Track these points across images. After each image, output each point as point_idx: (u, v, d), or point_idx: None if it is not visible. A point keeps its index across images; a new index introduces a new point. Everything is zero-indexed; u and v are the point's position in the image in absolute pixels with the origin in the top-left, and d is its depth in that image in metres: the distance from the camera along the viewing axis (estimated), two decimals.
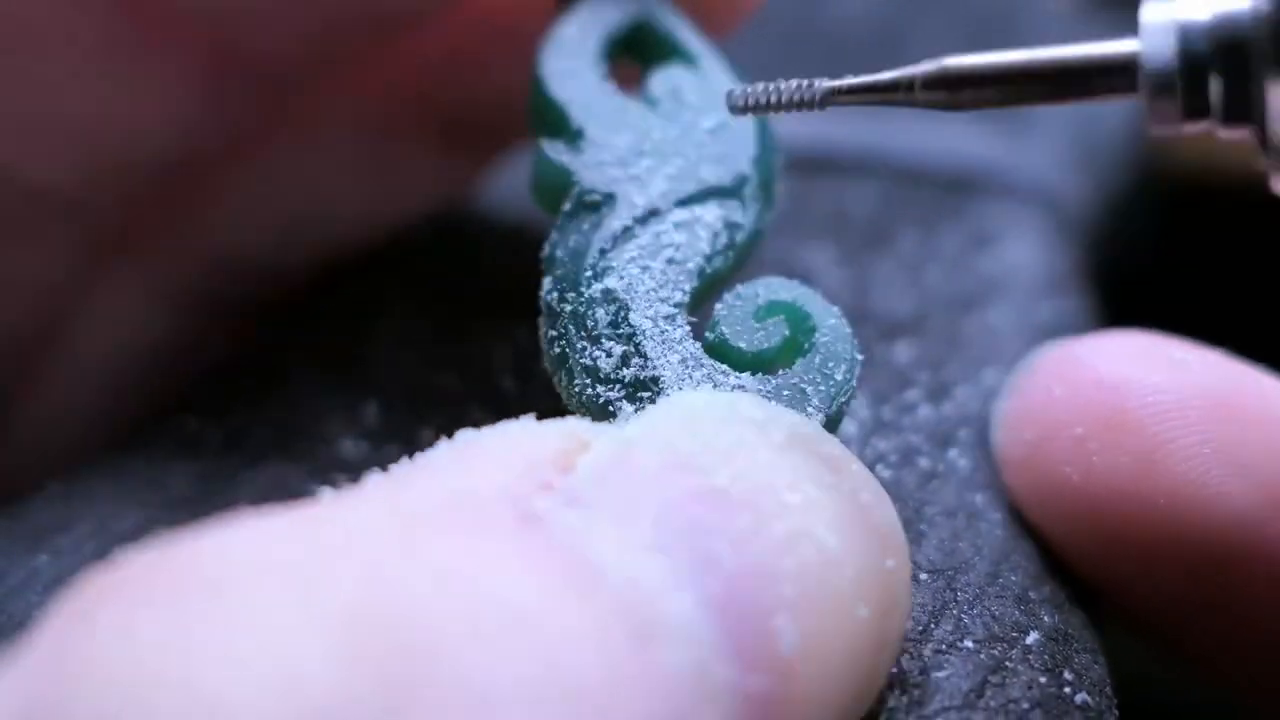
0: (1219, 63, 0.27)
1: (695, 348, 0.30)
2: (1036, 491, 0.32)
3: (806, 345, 0.29)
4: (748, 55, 0.46)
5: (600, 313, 0.30)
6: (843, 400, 0.29)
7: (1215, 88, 0.27)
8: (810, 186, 0.41)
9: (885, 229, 0.40)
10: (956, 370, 0.36)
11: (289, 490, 0.33)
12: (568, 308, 0.30)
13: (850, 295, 0.38)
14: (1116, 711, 0.29)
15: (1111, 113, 0.47)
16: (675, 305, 0.30)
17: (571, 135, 0.32)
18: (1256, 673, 0.33)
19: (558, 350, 0.30)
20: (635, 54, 0.34)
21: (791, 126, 0.43)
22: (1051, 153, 0.44)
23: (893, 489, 0.31)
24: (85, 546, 0.32)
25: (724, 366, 0.29)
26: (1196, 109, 0.27)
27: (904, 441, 0.33)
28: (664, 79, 0.33)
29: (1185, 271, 0.55)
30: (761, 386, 0.29)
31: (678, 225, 0.31)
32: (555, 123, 0.32)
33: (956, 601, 0.29)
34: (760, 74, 0.45)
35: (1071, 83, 0.28)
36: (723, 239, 0.31)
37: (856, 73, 0.30)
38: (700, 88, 0.33)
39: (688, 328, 0.30)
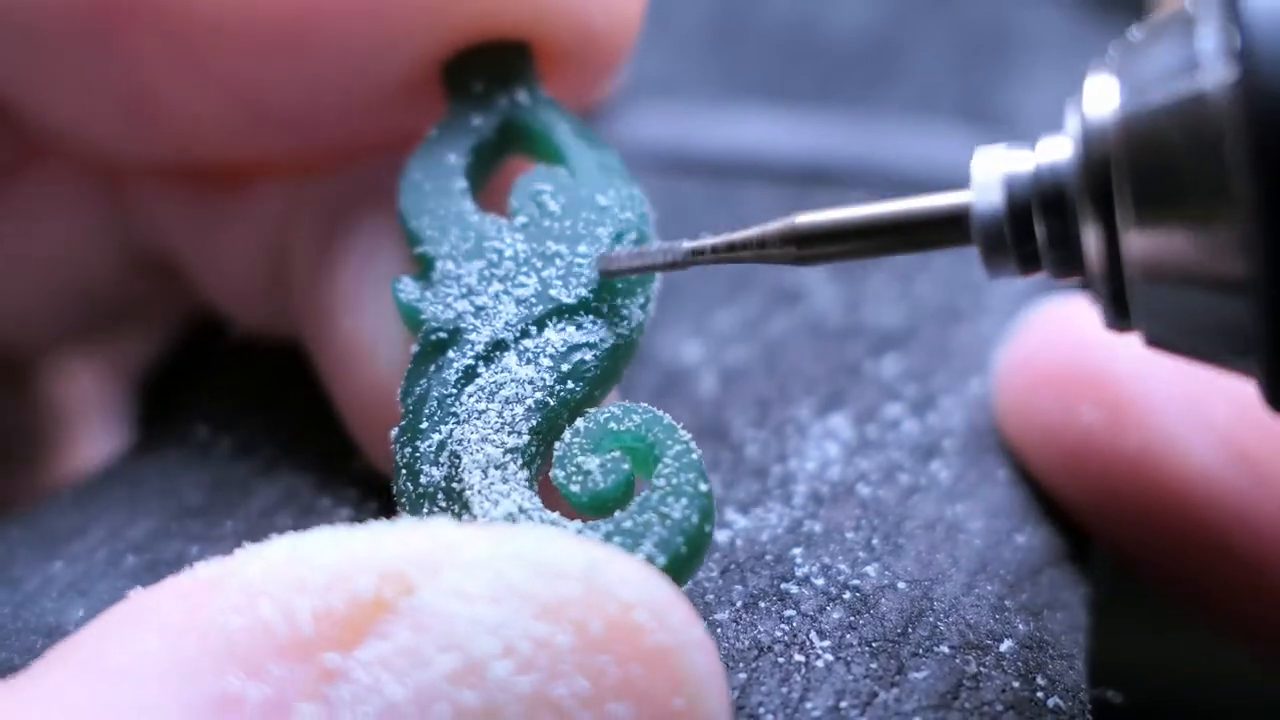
0: (1043, 211, 0.27)
1: (525, 497, 0.29)
2: (1027, 435, 0.35)
3: (649, 478, 0.28)
4: (747, 70, 0.47)
5: (433, 470, 0.29)
6: (682, 541, 0.27)
7: (1041, 237, 0.27)
8: (804, 199, 0.42)
9: None
10: (943, 381, 0.37)
11: (299, 501, 0.34)
12: (405, 460, 0.29)
13: (841, 310, 0.39)
14: (1090, 716, 0.31)
15: None
16: (510, 450, 0.29)
17: (424, 267, 0.31)
18: (1226, 608, 0.35)
19: (400, 501, 0.29)
20: (517, 151, 0.33)
21: (786, 139, 0.44)
22: None
23: (873, 505, 0.33)
24: (98, 553, 0.32)
25: (554, 516, 0.28)
26: (1028, 256, 0.28)
27: (886, 458, 0.34)
28: (524, 188, 0.32)
29: None
30: (592, 535, 0.28)
31: (522, 357, 0.30)
32: (413, 249, 0.31)
33: (933, 610, 0.31)
34: (754, 85, 0.46)
35: (910, 236, 0.28)
36: (570, 363, 0.30)
37: (852, 87, 0.31)
38: (565, 190, 0.31)
39: (523, 474, 0.29)
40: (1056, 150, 0.27)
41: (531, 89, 0.33)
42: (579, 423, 0.29)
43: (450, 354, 0.30)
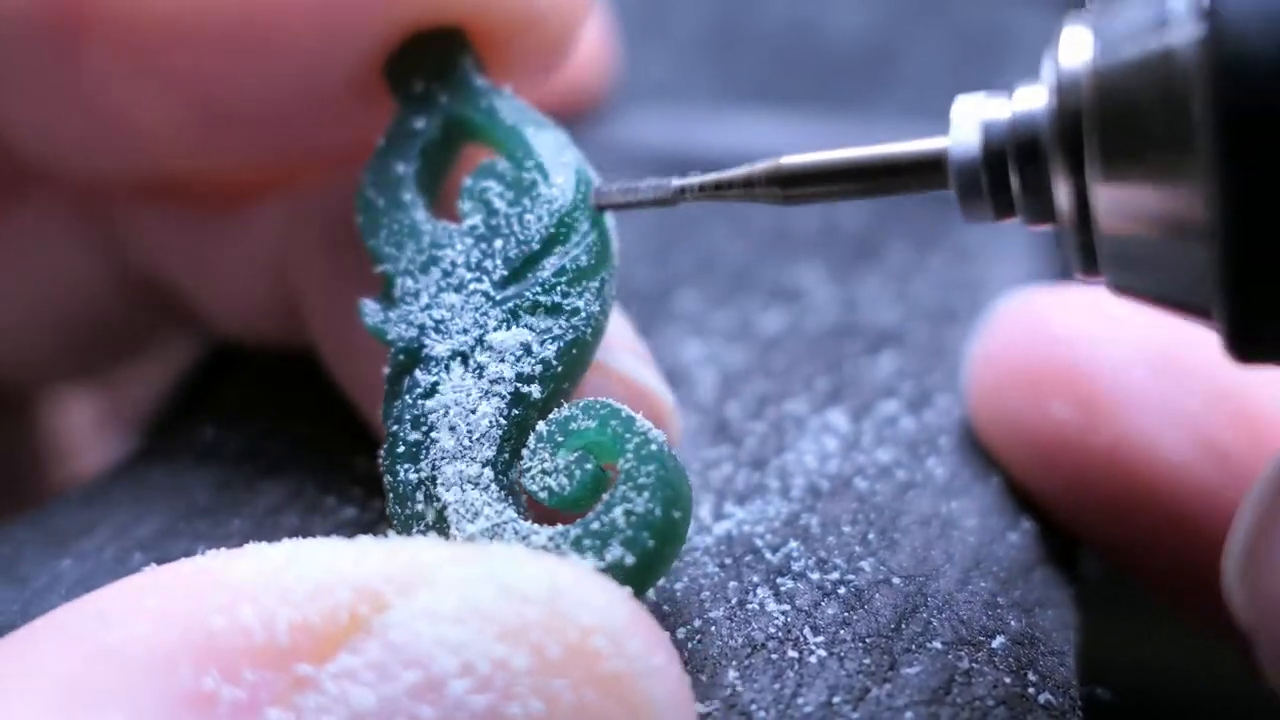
0: (1017, 158, 0.28)
1: (498, 510, 0.29)
2: (999, 431, 0.35)
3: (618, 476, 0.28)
4: (745, 74, 0.48)
5: (414, 493, 0.29)
6: (648, 535, 0.27)
7: (1015, 184, 0.28)
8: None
9: (874, 244, 0.41)
10: (939, 379, 0.37)
11: (305, 500, 0.34)
12: (389, 484, 0.30)
13: (839, 309, 0.39)
14: (1080, 712, 0.31)
15: None
16: (484, 462, 0.29)
17: (385, 286, 0.31)
18: (1200, 602, 0.35)
19: (393, 521, 0.30)
20: (467, 142, 0.33)
21: (784, 141, 0.44)
22: None
23: (870, 500, 0.33)
24: (106, 551, 0.33)
25: (529, 527, 0.28)
26: (1003, 202, 0.28)
27: (883, 454, 0.35)
28: (471, 189, 0.31)
29: None
30: (560, 542, 0.28)
31: (481, 366, 0.30)
32: (374, 268, 0.31)
33: (927, 605, 0.31)
34: (752, 89, 0.47)
35: (890, 178, 0.29)
36: (528, 365, 0.30)
37: (849, 90, 0.31)
38: (509, 185, 0.31)
39: (495, 487, 0.29)
40: (1032, 99, 0.28)
41: (468, 79, 0.32)
42: (540, 426, 0.29)
43: (417, 373, 0.30)
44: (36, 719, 0.23)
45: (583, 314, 0.30)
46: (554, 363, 0.30)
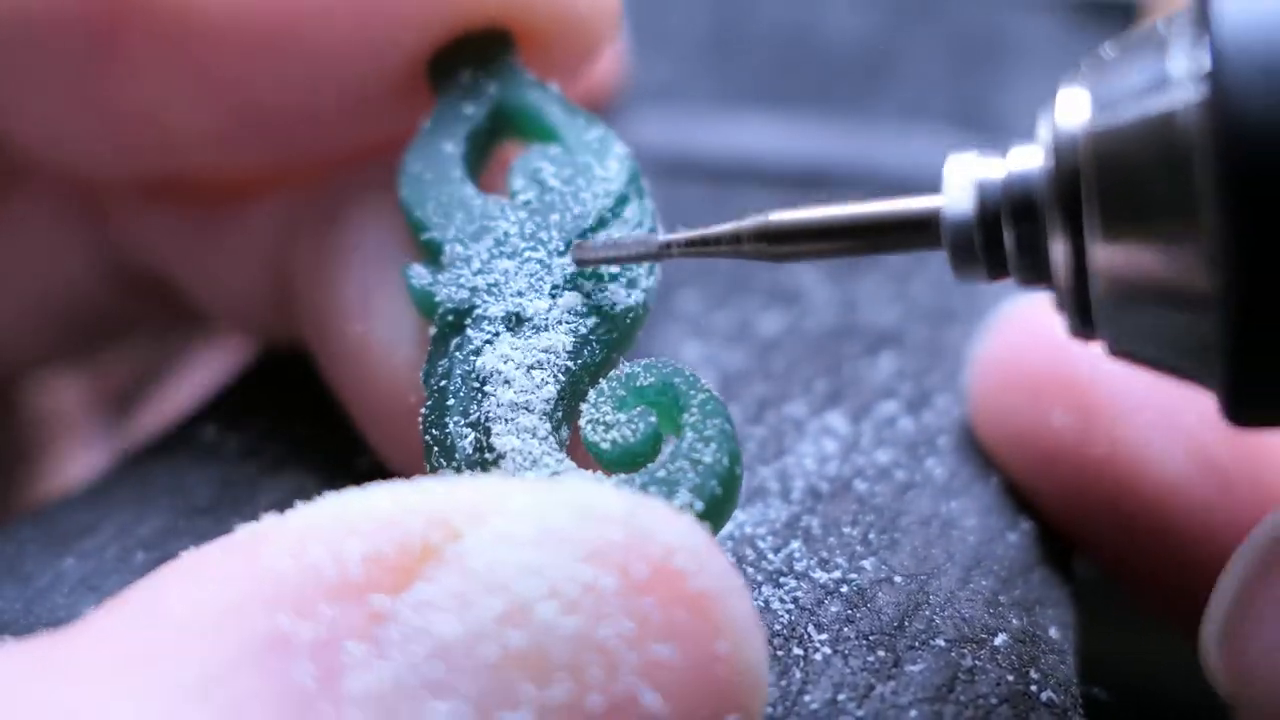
0: (1012, 218, 0.27)
1: (557, 459, 0.29)
2: (998, 435, 0.35)
3: (676, 431, 0.29)
4: (745, 76, 0.48)
5: (464, 444, 0.30)
6: (716, 484, 0.28)
7: (1009, 244, 0.28)
8: (801, 202, 0.43)
9: None
10: (938, 379, 0.37)
11: (306, 498, 0.34)
12: (435, 438, 0.30)
13: (837, 310, 0.39)
14: (1082, 709, 0.31)
15: None
16: (541, 415, 0.30)
17: (431, 253, 0.32)
18: (1193, 614, 0.35)
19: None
20: (509, 135, 0.34)
21: (783, 143, 0.44)
22: None
23: (870, 501, 0.33)
24: (109, 550, 0.33)
25: (589, 474, 0.29)
26: (997, 262, 0.28)
27: (883, 454, 0.35)
28: (523, 167, 0.32)
29: None
30: (628, 487, 0.28)
31: (539, 326, 0.30)
32: (419, 237, 0.32)
33: (929, 604, 0.31)
34: (751, 91, 0.47)
35: (882, 238, 0.29)
36: (587, 327, 0.30)
37: (847, 93, 0.31)
38: (562, 164, 0.32)
39: (553, 439, 0.30)
40: (1028, 159, 0.28)
41: (517, 73, 0.33)
42: (603, 382, 0.30)
43: (469, 331, 0.31)
44: (115, 692, 0.22)
45: (641, 285, 0.31)
46: (611, 329, 0.31)
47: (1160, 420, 0.33)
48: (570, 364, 0.30)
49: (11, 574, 0.33)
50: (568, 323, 0.31)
